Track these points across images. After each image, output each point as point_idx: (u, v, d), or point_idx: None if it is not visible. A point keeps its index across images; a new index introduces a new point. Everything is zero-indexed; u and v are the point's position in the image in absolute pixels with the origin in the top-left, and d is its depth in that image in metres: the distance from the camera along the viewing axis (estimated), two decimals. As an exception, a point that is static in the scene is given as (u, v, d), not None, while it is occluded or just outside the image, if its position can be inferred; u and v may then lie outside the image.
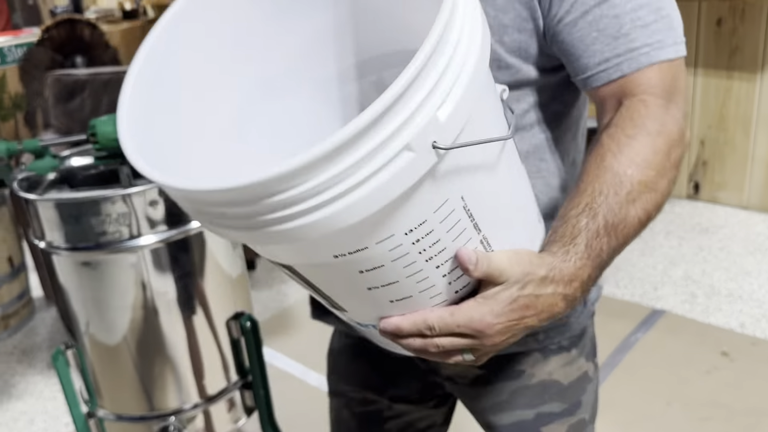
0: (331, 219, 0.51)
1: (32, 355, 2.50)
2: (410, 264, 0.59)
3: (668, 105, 0.68)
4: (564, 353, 0.89)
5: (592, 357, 0.94)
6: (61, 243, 1.21)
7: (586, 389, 0.92)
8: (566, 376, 0.89)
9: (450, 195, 0.58)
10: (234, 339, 1.39)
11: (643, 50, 0.68)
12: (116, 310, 1.26)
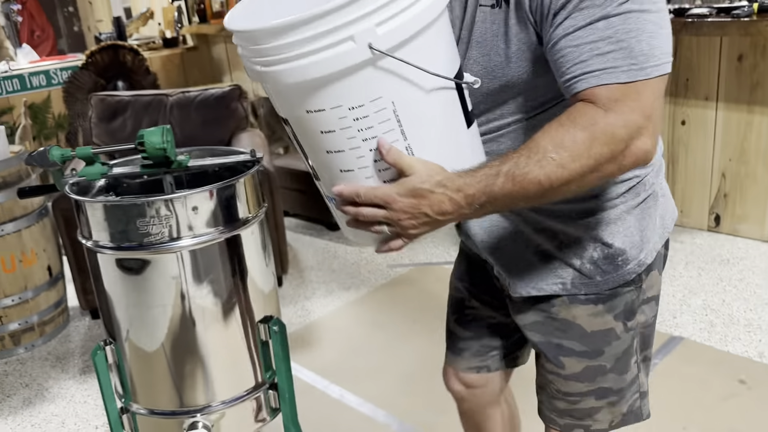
0: (296, 71, 0.81)
1: (65, 361, 2.60)
2: (352, 138, 0.86)
3: (607, 113, 0.84)
4: (590, 305, 1.09)
5: (624, 319, 1.10)
6: (106, 242, 1.31)
7: (611, 343, 1.11)
8: (590, 325, 1.10)
9: (383, 93, 0.84)
10: (262, 341, 1.46)
11: (596, 73, 0.85)
12: (154, 308, 1.35)
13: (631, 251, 1.07)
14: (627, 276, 1.08)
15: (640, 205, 1.07)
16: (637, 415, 1.21)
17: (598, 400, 1.15)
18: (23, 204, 2.58)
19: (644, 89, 0.85)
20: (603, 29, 0.84)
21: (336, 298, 2.94)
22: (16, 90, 4.51)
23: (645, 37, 0.85)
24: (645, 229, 1.08)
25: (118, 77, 4.84)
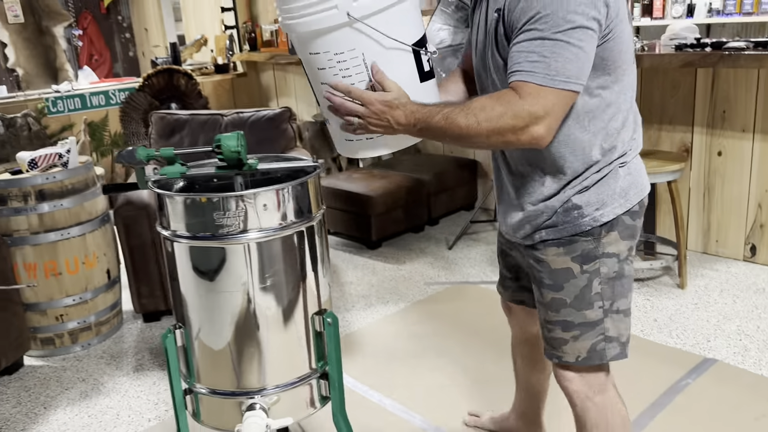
0: (302, 24, 1.26)
1: (119, 360, 2.75)
2: (335, 74, 1.31)
3: (521, 99, 1.21)
4: (554, 248, 1.42)
5: (581, 263, 1.41)
6: (183, 232, 1.46)
7: (569, 280, 1.42)
8: (555, 264, 1.43)
9: (356, 46, 1.28)
10: (317, 332, 1.58)
11: (522, 73, 1.22)
12: (221, 294, 1.48)
13: (587, 209, 1.38)
14: (583, 227, 1.39)
15: (602, 179, 1.39)
16: (601, 355, 1.45)
17: (564, 332, 1.45)
18: (88, 210, 2.77)
19: (550, 94, 1.21)
20: (537, 45, 1.21)
21: (375, 311, 3.05)
22: (77, 108, 4.79)
23: (562, 61, 1.20)
24: (602, 194, 1.39)
25: (171, 99, 5.09)
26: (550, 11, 1.19)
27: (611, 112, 1.36)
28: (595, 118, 1.35)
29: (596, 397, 1.47)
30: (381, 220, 3.82)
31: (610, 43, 1.28)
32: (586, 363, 1.45)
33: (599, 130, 1.36)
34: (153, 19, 7.16)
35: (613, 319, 1.44)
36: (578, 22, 1.20)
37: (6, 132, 4.43)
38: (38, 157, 2.70)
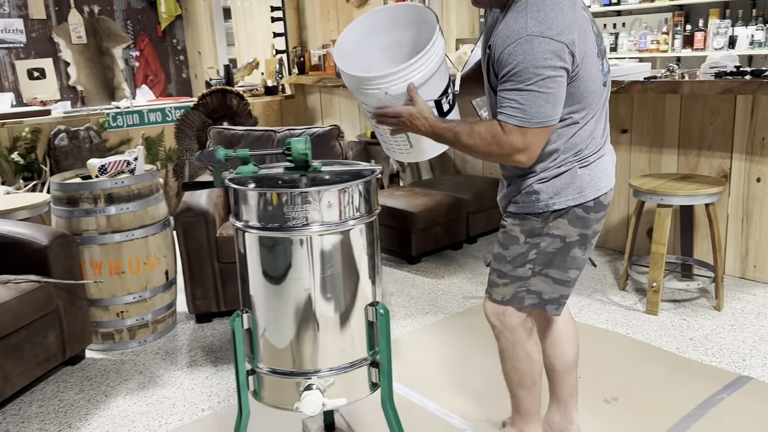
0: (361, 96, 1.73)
1: (174, 355, 2.92)
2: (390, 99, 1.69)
3: (504, 134, 1.60)
4: (511, 218, 1.82)
5: (526, 236, 1.79)
6: (254, 223, 1.61)
7: (513, 244, 1.81)
8: (509, 229, 1.82)
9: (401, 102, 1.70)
10: (369, 322, 1.71)
11: (504, 115, 1.59)
12: (284, 282, 1.63)
13: (542, 195, 1.74)
14: (535, 209, 1.76)
15: (560, 174, 1.73)
16: (520, 301, 1.86)
17: (498, 278, 1.87)
18: (151, 214, 2.96)
19: (528, 132, 1.59)
20: (515, 95, 1.57)
21: (414, 320, 3.17)
22: (135, 124, 5.07)
23: (536, 106, 1.56)
24: (557, 186, 1.73)
25: (224, 118, 5.34)
26: (522, 67, 1.53)
27: (576, 128, 1.70)
28: (563, 135, 1.70)
29: (506, 332, 1.92)
30: (421, 236, 3.95)
31: (577, 82, 1.61)
32: (507, 303, 1.88)
33: (565, 140, 1.70)
34: (206, 43, 7.50)
35: (540, 279, 1.83)
36: (546, 74, 1.53)
37: (69, 143, 4.72)
38: (108, 164, 2.92)
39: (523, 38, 1.52)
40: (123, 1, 7.50)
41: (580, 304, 3.25)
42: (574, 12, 1.59)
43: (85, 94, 7.16)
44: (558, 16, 1.55)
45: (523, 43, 1.52)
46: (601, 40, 1.72)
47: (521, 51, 1.52)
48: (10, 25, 6.80)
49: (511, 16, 1.59)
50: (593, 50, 1.64)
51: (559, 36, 1.53)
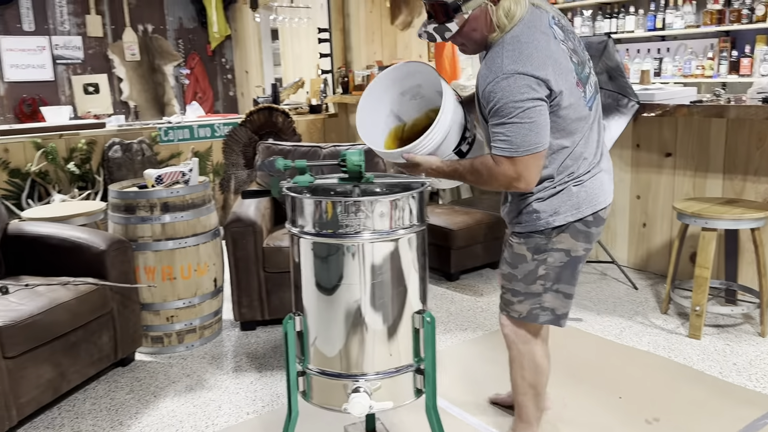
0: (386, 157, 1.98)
1: (220, 360, 3.01)
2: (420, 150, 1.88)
3: (497, 165, 1.74)
4: (517, 237, 1.95)
5: (533, 253, 1.91)
6: (309, 229, 1.69)
7: (522, 263, 1.94)
8: (515, 248, 1.95)
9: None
10: (415, 329, 1.77)
11: (495, 148, 1.74)
12: (336, 287, 1.70)
13: (543, 214, 1.87)
14: (538, 227, 1.88)
15: (556, 194, 1.86)
16: (535, 317, 1.98)
17: (513, 296, 1.99)
18: (203, 223, 3.08)
19: (518, 162, 1.71)
20: (500, 128, 1.71)
21: (453, 336, 3.20)
22: (185, 138, 5.25)
23: (521, 136, 1.69)
24: (555, 205, 1.86)
25: (269, 135, 5.49)
26: (503, 103, 1.68)
27: (567, 153, 1.82)
28: (554, 160, 1.83)
29: (520, 345, 2.03)
30: (460, 253, 4.00)
31: (560, 113, 1.74)
32: (524, 320, 2.00)
33: (557, 163, 1.83)
34: (254, 62, 7.73)
35: (552, 296, 1.95)
36: (526, 106, 1.66)
37: (123, 155, 4.91)
38: (164, 174, 3.05)
39: (500, 76, 1.68)
40: (176, 21, 7.80)
41: (621, 326, 3.25)
42: (548, 47, 1.72)
43: (137, 109, 7.42)
44: (532, 53, 1.68)
45: (501, 80, 1.67)
46: (582, 68, 1.83)
47: (499, 88, 1.67)
48: (69, 42, 7.14)
49: (490, 56, 1.74)
50: (572, 81, 1.76)
51: (534, 71, 1.67)
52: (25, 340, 2.38)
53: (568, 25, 1.87)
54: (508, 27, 1.73)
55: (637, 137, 3.92)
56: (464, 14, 1.72)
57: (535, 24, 1.75)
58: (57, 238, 2.90)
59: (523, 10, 1.74)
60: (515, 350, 2.06)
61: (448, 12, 1.72)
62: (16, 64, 6.90)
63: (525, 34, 1.72)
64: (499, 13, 1.72)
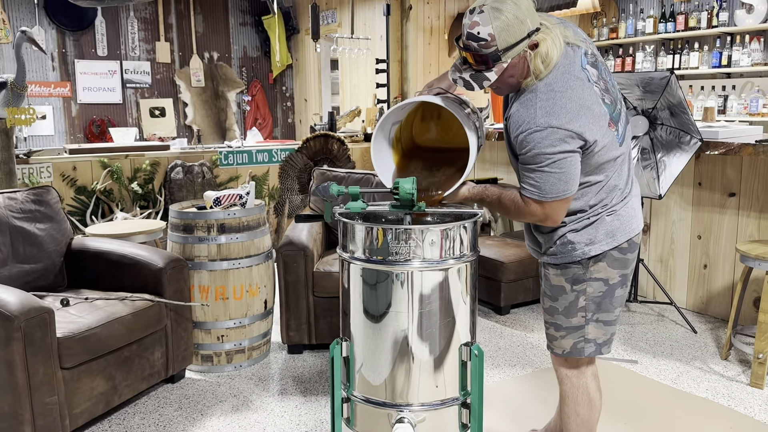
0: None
1: (267, 382, 3.03)
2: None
3: (526, 207, 1.76)
4: (552, 268, 1.92)
5: (572, 284, 1.89)
6: (360, 255, 1.70)
7: (561, 295, 1.91)
8: (553, 280, 1.92)
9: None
10: (462, 361, 1.75)
11: (524, 190, 1.75)
12: (384, 314, 1.70)
13: (578, 244, 1.84)
14: (574, 258, 1.86)
15: (590, 224, 1.84)
16: (580, 351, 1.94)
17: (556, 331, 1.96)
18: (257, 245, 3.14)
19: (546, 205, 1.74)
20: (530, 173, 1.71)
21: (501, 371, 3.14)
22: (244, 162, 5.39)
23: (549, 184, 1.70)
24: (590, 235, 1.84)
25: (324, 161, 5.59)
26: (534, 153, 1.68)
27: (600, 186, 1.81)
28: (587, 194, 1.82)
29: (573, 379, 1.98)
30: (511, 287, 3.94)
31: (592, 155, 1.73)
32: (568, 356, 1.96)
33: (590, 196, 1.82)
34: (313, 91, 7.91)
35: (594, 326, 1.92)
36: (555, 157, 1.66)
37: (184, 177, 5.07)
38: (222, 196, 3.13)
39: (532, 128, 1.67)
40: (240, 50, 8.08)
41: (678, 371, 3.12)
42: (582, 95, 1.69)
43: (200, 133, 7.67)
44: (566, 104, 1.66)
45: (533, 133, 1.67)
46: (614, 107, 1.78)
47: (532, 140, 1.67)
48: (138, 67, 7.47)
49: (522, 102, 1.72)
50: (605, 125, 1.73)
51: (567, 125, 1.65)
52: (82, 352, 2.46)
53: (599, 59, 1.83)
54: (544, 74, 1.69)
55: (699, 175, 3.81)
56: (503, 63, 1.66)
57: (569, 69, 1.71)
58: (117, 254, 3.00)
59: (560, 53, 1.70)
60: (568, 384, 2.00)
61: (488, 61, 1.66)
62: (89, 86, 7.26)
63: (559, 82, 1.69)
64: (536, 60, 1.68)
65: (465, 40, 1.65)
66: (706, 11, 5.67)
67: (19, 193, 3.04)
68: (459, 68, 1.74)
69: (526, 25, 1.63)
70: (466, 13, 1.67)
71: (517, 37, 1.63)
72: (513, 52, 1.64)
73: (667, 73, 3.26)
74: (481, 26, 1.61)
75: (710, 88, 5.82)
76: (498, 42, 1.62)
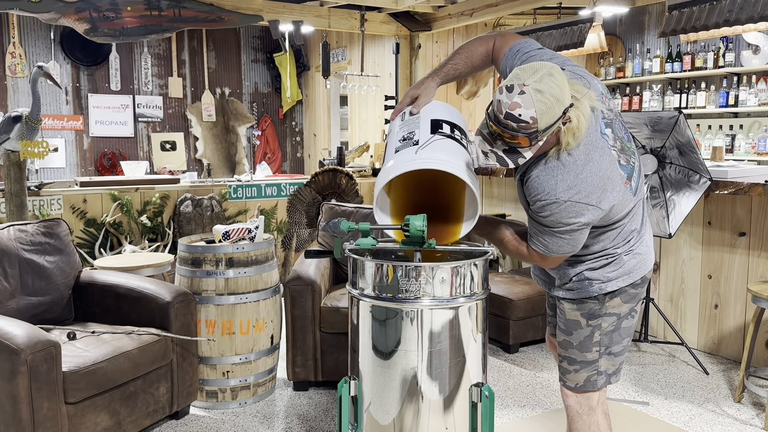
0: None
1: (271, 420, 2.99)
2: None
3: (529, 254, 1.82)
4: (570, 303, 1.93)
5: (587, 318, 1.91)
6: (369, 292, 1.69)
7: (576, 329, 1.93)
8: (568, 314, 1.94)
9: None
10: (473, 402, 1.72)
11: (531, 241, 1.79)
12: (392, 353, 1.68)
13: (595, 281, 1.87)
14: (591, 293, 1.89)
15: (608, 263, 1.87)
16: (593, 384, 1.95)
17: (569, 365, 1.97)
18: (264, 279, 3.13)
19: (548, 258, 1.79)
20: (540, 230, 1.76)
21: (510, 412, 3.09)
22: (253, 196, 5.42)
23: (557, 246, 1.76)
24: (608, 273, 1.87)
25: (332, 195, 5.61)
26: (550, 221, 1.71)
27: (618, 230, 1.83)
28: (603, 239, 1.84)
29: (584, 416, 1.97)
30: (520, 324, 3.90)
31: (609, 214, 1.75)
32: (581, 389, 1.96)
33: (609, 241, 1.85)
34: (322, 126, 7.99)
35: (606, 359, 1.94)
36: (570, 228, 1.71)
37: (193, 210, 5.10)
38: (231, 230, 3.14)
39: (551, 200, 1.69)
40: (251, 86, 8.19)
41: (690, 413, 3.06)
42: (601, 162, 1.70)
43: (210, 166, 7.74)
44: (587, 178, 1.68)
45: (552, 204, 1.69)
46: (628, 162, 1.79)
47: (550, 209, 1.70)
48: (151, 101, 7.58)
49: (544, 170, 1.71)
50: (621, 186, 1.76)
51: (586, 199, 1.69)
52: (87, 386, 2.44)
53: (614, 111, 1.83)
54: (572, 146, 1.68)
55: (709, 214, 3.80)
56: (540, 142, 1.65)
57: (591, 140, 1.71)
58: (125, 288, 3.00)
59: (588, 122, 1.68)
60: (579, 422, 1.99)
61: (525, 142, 1.62)
62: (101, 120, 7.36)
63: (582, 156, 1.69)
64: (568, 135, 1.66)
65: (503, 120, 1.60)
66: (712, 52, 5.72)
67: (30, 225, 3.06)
68: (490, 141, 1.66)
69: (563, 104, 1.62)
70: (502, 89, 1.62)
71: (555, 118, 1.61)
72: (550, 131, 1.63)
73: (676, 113, 3.28)
74: (523, 108, 1.58)
75: (717, 128, 5.84)
76: (539, 124, 1.60)
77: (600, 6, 5.34)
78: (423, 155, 1.67)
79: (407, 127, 1.80)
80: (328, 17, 6.11)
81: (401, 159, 1.69)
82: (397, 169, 1.67)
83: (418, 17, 6.35)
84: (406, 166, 1.65)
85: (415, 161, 1.66)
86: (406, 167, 1.65)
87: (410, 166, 1.65)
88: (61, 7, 5.12)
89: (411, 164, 1.66)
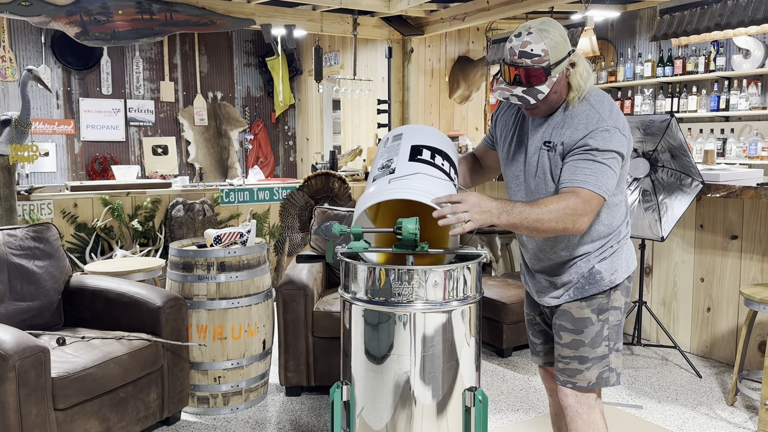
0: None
1: (263, 426, 2.97)
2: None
3: (578, 198, 1.74)
4: (577, 302, 1.95)
5: (597, 314, 1.93)
6: (362, 296, 1.68)
7: (587, 326, 1.94)
8: (576, 313, 1.95)
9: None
10: (466, 407, 1.71)
11: (579, 181, 1.77)
12: (385, 357, 1.67)
13: (605, 274, 1.93)
14: (601, 288, 1.93)
15: (614, 253, 1.94)
16: (606, 381, 1.96)
17: (581, 364, 1.95)
18: (257, 284, 3.11)
19: (594, 199, 1.76)
20: (590, 165, 1.77)
21: (504, 416, 3.08)
22: (245, 200, 5.39)
23: (604, 178, 1.77)
24: (614, 263, 1.94)
25: (325, 200, 5.59)
26: (601, 146, 1.77)
27: (616, 211, 1.93)
28: (609, 215, 1.92)
29: (584, 415, 1.97)
30: (513, 328, 3.89)
31: (623, 168, 1.86)
32: (595, 387, 1.96)
33: (610, 221, 1.92)
34: (315, 130, 7.98)
35: (614, 355, 1.97)
36: (615, 155, 1.78)
37: (185, 215, 5.07)
38: (223, 235, 3.12)
39: (602, 127, 1.80)
40: (244, 90, 8.17)
41: (683, 416, 3.06)
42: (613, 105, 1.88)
43: (202, 171, 7.71)
44: (620, 114, 1.85)
45: (603, 132, 1.80)
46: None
47: (601, 137, 1.79)
48: (142, 105, 7.55)
49: (578, 112, 1.85)
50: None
51: (624, 130, 1.84)
52: (76, 392, 2.41)
53: None
54: (585, 90, 1.86)
55: (701, 218, 3.81)
56: (553, 78, 1.81)
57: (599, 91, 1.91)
58: (115, 293, 2.97)
59: (590, 73, 1.89)
60: (579, 422, 1.99)
61: (541, 75, 1.79)
62: (93, 124, 7.32)
63: (603, 96, 1.87)
64: (576, 77, 1.85)
65: (517, 59, 1.79)
66: (703, 56, 5.75)
67: (19, 229, 3.03)
68: (508, 87, 1.83)
69: (568, 45, 1.83)
70: (510, 38, 1.82)
71: (563, 54, 1.80)
72: (560, 67, 1.81)
73: (668, 117, 3.28)
74: (534, 44, 1.78)
75: (709, 131, 5.87)
76: (550, 57, 1.78)
77: (592, 10, 5.36)
78: (394, 185, 1.71)
79: (387, 154, 1.87)
80: (320, 21, 6.11)
81: (377, 188, 1.74)
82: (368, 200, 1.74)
83: (411, 21, 6.36)
84: (377, 197, 1.72)
85: (384, 192, 1.71)
86: (375, 198, 1.72)
87: (380, 197, 1.71)
88: (51, 10, 5.09)
89: (381, 195, 1.71)
